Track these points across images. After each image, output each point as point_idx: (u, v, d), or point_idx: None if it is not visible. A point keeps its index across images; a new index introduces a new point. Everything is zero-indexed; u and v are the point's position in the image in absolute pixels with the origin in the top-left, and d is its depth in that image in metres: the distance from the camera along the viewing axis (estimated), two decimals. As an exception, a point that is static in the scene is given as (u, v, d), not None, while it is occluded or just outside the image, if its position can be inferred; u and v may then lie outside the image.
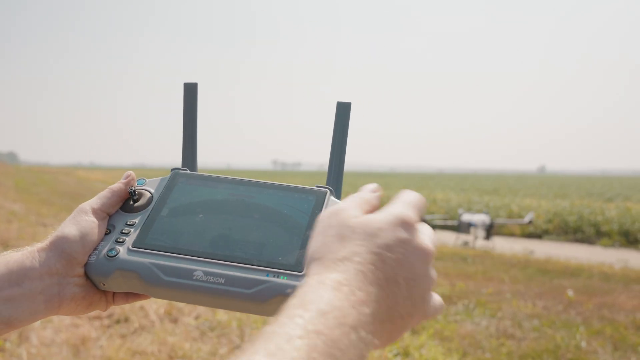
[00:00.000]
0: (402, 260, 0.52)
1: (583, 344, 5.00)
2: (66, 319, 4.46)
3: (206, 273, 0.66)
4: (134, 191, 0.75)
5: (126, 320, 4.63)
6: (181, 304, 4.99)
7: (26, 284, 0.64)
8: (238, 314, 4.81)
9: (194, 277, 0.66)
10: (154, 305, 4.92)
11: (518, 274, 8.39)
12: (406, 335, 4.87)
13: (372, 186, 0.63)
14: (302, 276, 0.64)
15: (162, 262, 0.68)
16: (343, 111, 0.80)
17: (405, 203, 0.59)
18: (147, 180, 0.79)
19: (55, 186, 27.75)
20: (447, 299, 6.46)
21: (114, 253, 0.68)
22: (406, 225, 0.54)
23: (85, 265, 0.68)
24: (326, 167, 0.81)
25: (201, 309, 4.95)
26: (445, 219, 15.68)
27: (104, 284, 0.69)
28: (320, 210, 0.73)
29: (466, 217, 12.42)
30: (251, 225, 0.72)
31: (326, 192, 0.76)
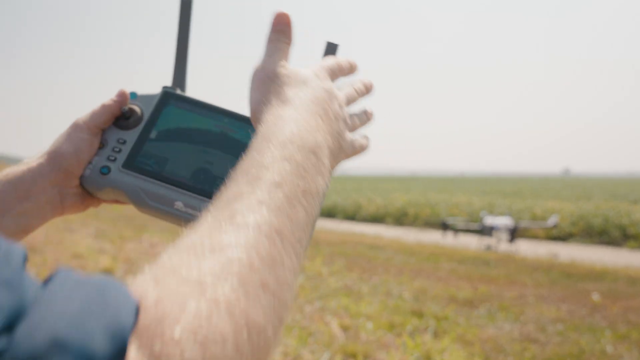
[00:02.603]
0: (328, 101, 0.61)
1: (608, 348, 4.93)
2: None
3: (185, 204, 0.73)
4: (127, 109, 0.80)
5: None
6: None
7: (33, 198, 0.72)
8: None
9: (175, 207, 0.73)
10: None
11: (542, 277, 8.30)
12: (428, 339, 4.85)
13: (278, 18, 0.66)
14: None
15: (147, 188, 0.75)
16: (330, 52, 0.76)
17: (320, 66, 0.67)
18: (139, 95, 0.83)
19: (80, 192, 28.12)
20: (470, 302, 6.42)
21: (106, 171, 0.75)
22: (321, 79, 0.64)
23: (81, 177, 0.76)
24: (346, 172, 0.80)
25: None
26: (467, 223, 15.57)
27: (96, 195, 0.77)
28: None
29: (489, 220, 12.32)
30: (230, 163, 0.73)
31: None
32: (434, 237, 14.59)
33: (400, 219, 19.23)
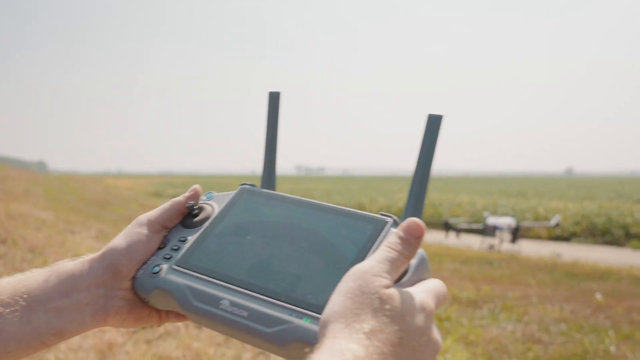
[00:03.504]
0: (417, 349, 0.51)
1: (612, 348, 4.90)
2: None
3: (232, 303, 0.63)
4: (193, 206, 0.74)
5: (151, 325, 4.69)
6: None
7: (74, 295, 0.64)
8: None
9: (220, 306, 0.63)
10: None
11: (545, 277, 8.27)
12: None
13: (412, 227, 0.58)
14: None
15: (195, 286, 0.66)
16: (433, 125, 0.70)
17: (429, 291, 0.58)
18: (215, 194, 0.78)
19: (84, 194, 28.20)
20: (473, 303, 6.40)
21: (156, 270, 0.68)
22: (427, 314, 0.54)
23: (132, 279, 0.68)
24: (350, 172, 0.72)
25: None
26: (470, 223, 15.54)
27: (148, 301, 0.69)
28: (374, 243, 0.66)
29: (492, 220, 12.29)
30: (295, 254, 0.67)
31: (385, 222, 0.68)
32: (436, 237, 14.57)
33: (403, 219, 19.19)
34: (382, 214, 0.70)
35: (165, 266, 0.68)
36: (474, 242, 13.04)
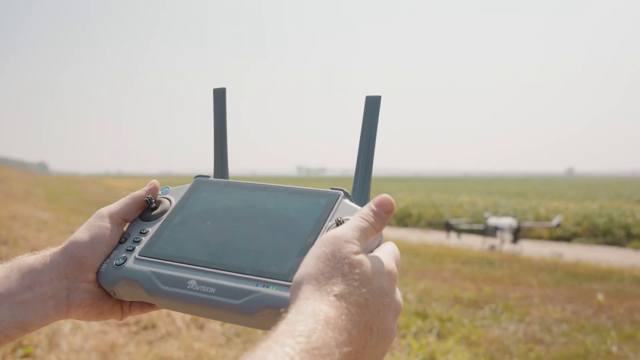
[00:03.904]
0: (381, 310, 0.55)
1: (614, 349, 4.90)
2: (95, 326, 4.53)
3: (199, 282, 0.66)
4: (151, 199, 0.77)
5: (153, 326, 4.68)
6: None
7: (37, 288, 0.66)
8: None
9: (188, 287, 0.66)
10: (180, 312, 4.97)
11: (546, 277, 8.26)
12: (432, 340, 4.83)
13: (384, 202, 0.62)
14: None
15: (161, 271, 0.68)
16: (372, 106, 0.75)
17: (391, 255, 0.62)
18: (171, 188, 0.81)
19: (84, 195, 28.21)
20: (474, 303, 6.39)
21: (120, 262, 0.70)
22: (392, 277, 0.58)
23: (97, 273, 0.70)
24: (350, 173, 0.75)
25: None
26: (471, 223, 15.53)
27: (114, 293, 0.70)
28: (329, 214, 0.70)
29: (492, 220, 12.28)
30: (254, 233, 0.71)
31: (338, 195, 0.73)
32: (438, 237, 14.56)
33: (404, 220, 19.20)
34: (333, 188, 0.75)
35: (129, 257, 0.71)
36: (475, 242, 13.04)
